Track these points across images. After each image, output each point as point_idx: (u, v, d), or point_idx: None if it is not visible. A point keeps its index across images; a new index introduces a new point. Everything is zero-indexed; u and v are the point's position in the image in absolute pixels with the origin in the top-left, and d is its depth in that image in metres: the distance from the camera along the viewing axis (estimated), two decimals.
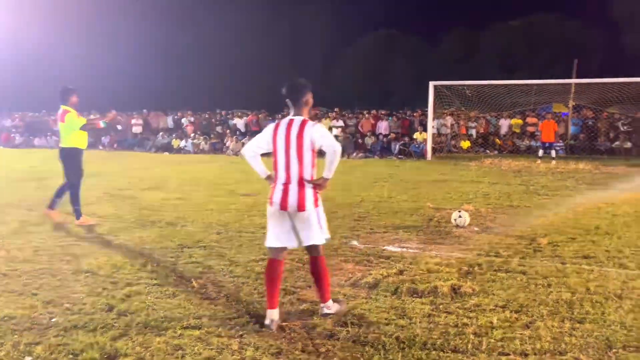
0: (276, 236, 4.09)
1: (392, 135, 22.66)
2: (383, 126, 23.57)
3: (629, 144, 21.05)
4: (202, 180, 13.50)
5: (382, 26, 50.16)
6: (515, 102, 21.28)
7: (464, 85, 20.71)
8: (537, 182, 12.58)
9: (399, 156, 21.23)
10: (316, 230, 4.05)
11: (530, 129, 23.02)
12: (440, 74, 36.39)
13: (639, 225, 7.68)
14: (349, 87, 50.99)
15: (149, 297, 4.70)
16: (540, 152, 19.67)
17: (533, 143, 22.03)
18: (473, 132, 23.66)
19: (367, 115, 25.09)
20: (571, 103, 22.08)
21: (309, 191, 4.01)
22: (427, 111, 21.26)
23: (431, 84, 20.20)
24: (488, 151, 22.40)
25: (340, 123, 24.15)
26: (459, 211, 7.91)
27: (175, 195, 10.56)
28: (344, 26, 50.31)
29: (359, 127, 24.18)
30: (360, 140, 22.99)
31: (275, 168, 4.07)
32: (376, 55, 51.18)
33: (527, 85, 20.85)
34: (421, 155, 20.56)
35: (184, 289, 4.90)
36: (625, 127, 21.58)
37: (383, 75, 51.74)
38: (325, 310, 4.21)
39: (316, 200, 4.07)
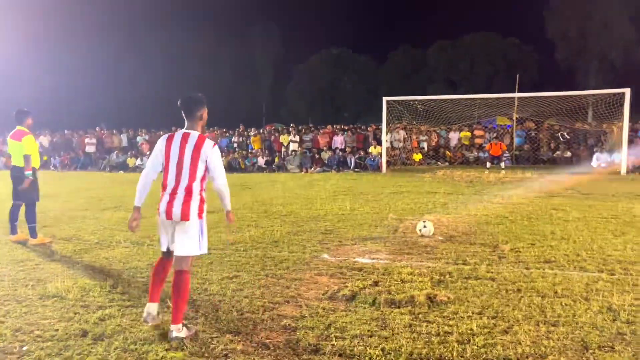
0: (164, 242, 4.23)
1: (348, 149, 22.86)
2: (339, 141, 23.72)
3: (568, 153, 22.00)
4: None
5: (332, 45, 50.87)
6: (462, 115, 21.96)
7: (415, 100, 21.24)
8: (490, 191, 12.92)
9: (356, 169, 21.41)
10: (194, 241, 4.05)
11: (478, 140, 23.75)
12: (389, 89, 37.40)
13: (589, 229, 7.95)
14: (302, 104, 51.25)
15: (124, 320, 4.48)
16: (488, 164, 20.57)
17: (481, 154, 22.73)
18: (424, 145, 24.14)
19: (322, 130, 25.23)
20: (515, 116, 22.88)
21: (194, 202, 4.03)
22: (380, 125, 21.62)
23: (384, 99, 20.61)
24: (439, 163, 22.96)
25: (297, 138, 24.15)
26: (424, 221, 7.99)
27: None
28: (295, 45, 50.80)
29: (315, 142, 24.31)
30: (317, 155, 23.05)
31: (165, 177, 4.10)
32: (327, 73, 51.75)
33: (472, 99, 21.57)
34: (377, 168, 20.87)
35: (159, 309, 4.70)
36: (565, 138, 22.60)
37: (334, 92, 52.34)
38: (175, 334, 3.97)
39: (201, 212, 4.09)
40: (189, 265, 4.09)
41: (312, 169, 21.75)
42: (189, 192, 4.02)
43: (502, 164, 20.27)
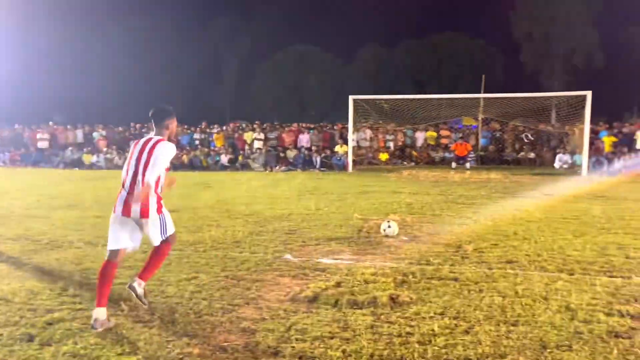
0: (116, 239, 4.35)
1: (314, 148, 22.85)
2: (304, 139, 23.64)
3: (532, 154, 22.54)
4: None
5: (297, 42, 50.70)
6: (429, 115, 22.03)
7: (382, 99, 21.46)
8: (455, 191, 13.12)
9: (322, 169, 21.39)
10: (159, 233, 4.48)
11: (444, 140, 24.13)
12: (356, 88, 37.48)
13: (551, 230, 8.12)
14: (267, 101, 50.95)
15: (74, 324, 4.33)
16: (454, 164, 20.97)
17: (447, 154, 23.08)
18: (391, 144, 24.39)
19: (287, 128, 25.14)
20: (480, 116, 23.32)
21: (152, 200, 4.33)
22: (347, 124, 21.70)
23: (351, 97, 20.67)
24: (405, 163, 23.19)
25: (261, 136, 23.97)
26: (388, 221, 8.04)
27: (93, 214, 9.93)
28: (260, 41, 50.34)
29: (281, 140, 24.21)
30: (282, 154, 22.91)
31: (124, 177, 4.38)
32: (294, 70, 51.60)
33: (438, 99, 21.82)
34: (343, 167, 20.92)
35: (113, 312, 4.56)
36: (528, 139, 23.12)
37: (301, 89, 52.25)
38: (136, 285, 4.54)
39: (159, 208, 4.44)
40: (169, 241, 4.61)
41: (277, 167, 21.63)
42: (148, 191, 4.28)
43: (467, 165, 20.72)
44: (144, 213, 4.29)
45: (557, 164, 20.40)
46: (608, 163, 19.02)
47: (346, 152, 21.37)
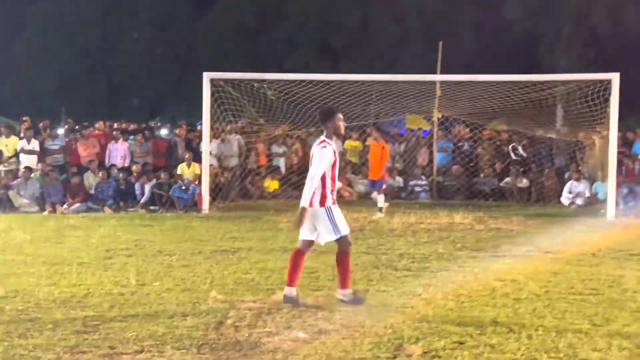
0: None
1: (137, 167, 15.02)
2: (119, 151, 15.57)
3: (524, 181, 15.82)
4: None
5: None
6: (349, 111, 15.15)
7: (264, 80, 14.78)
8: (392, 247, 9.71)
9: (152, 206, 14.37)
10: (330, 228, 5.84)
11: None
12: (215, 58, 26.70)
13: (555, 314, 5.79)
14: (41, 80, 34.53)
15: None
16: (378, 197, 13.05)
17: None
18: (281, 162, 16.67)
19: (87, 131, 16.51)
20: (436, 115, 16.30)
21: (316, 196, 5.76)
22: (199, 125, 15.32)
23: (206, 75, 13.82)
24: None
25: (34, 145, 15.12)
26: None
27: None
28: None
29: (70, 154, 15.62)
30: (76, 178, 14.52)
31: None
32: (99, 21, 36.08)
33: (364, 82, 14.56)
34: (192, 203, 14.37)
35: None
36: (519, 154, 16.37)
37: (111, 59, 36.16)
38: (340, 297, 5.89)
39: (323, 201, 5.80)
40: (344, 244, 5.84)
41: (66, 205, 14.27)
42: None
43: (379, 198, 12.85)
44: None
45: (565, 198, 14.73)
46: None
47: (198, 176, 14.60)
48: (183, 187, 14.14)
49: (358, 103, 14.85)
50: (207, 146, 14.10)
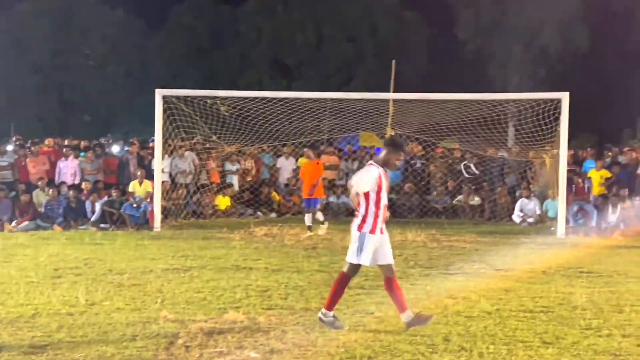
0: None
1: (87, 185, 14.68)
2: (69, 169, 15.17)
3: (477, 199, 15.80)
4: None
5: None
6: (302, 128, 14.87)
7: (217, 98, 14.60)
8: (345, 265, 9.47)
9: (102, 225, 13.82)
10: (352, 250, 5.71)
11: (329, 174, 16.29)
12: (168, 75, 27.63)
13: (506, 332, 5.69)
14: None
15: None
16: (320, 216, 12.71)
17: (333, 199, 16.02)
18: (234, 179, 16.41)
19: (36, 148, 15.98)
20: (389, 132, 15.61)
21: (356, 218, 5.69)
22: (152, 141, 14.95)
23: (158, 92, 13.82)
24: (261, 213, 15.85)
25: None
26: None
27: None
28: None
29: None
30: (25, 196, 14.23)
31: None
32: (50, 35, 34.63)
33: (318, 100, 14.52)
34: (143, 222, 14.18)
35: None
36: (471, 172, 16.32)
37: (64, 74, 34.97)
38: (404, 319, 5.59)
39: (360, 226, 5.62)
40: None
41: (15, 223, 13.88)
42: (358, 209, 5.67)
43: (318, 215, 12.67)
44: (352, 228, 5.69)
45: (516, 216, 14.74)
46: (598, 214, 13.83)
47: (150, 194, 14.13)
48: (134, 205, 13.92)
49: (311, 120, 14.78)
50: (159, 163, 13.92)
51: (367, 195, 5.49)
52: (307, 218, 12.47)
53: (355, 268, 5.66)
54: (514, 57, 30.11)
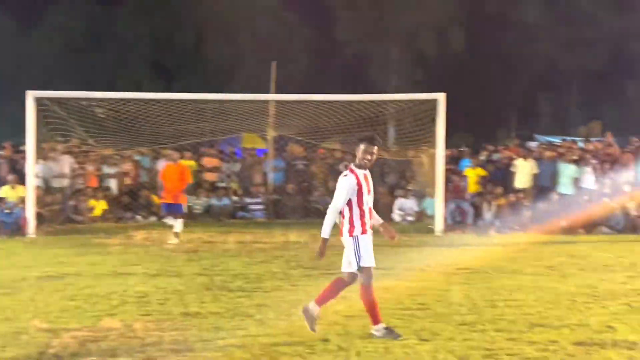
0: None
1: None
2: None
3: None
4: None
5: None
6: (181, 130, 14.71)
7: (93, 99, 14.60)
8: (227, 268, 9.54)
9: None
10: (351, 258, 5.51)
11: (210, 176, 16.80)
12: (43, 76, 25.41)
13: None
14: None
15: None
16: (176, 221, 11.86)
17: (215, 201, 15.95)
18: (112, 183, 16.19)
19: None
20: (270, 134, 16.37)
21: (345, 223, 5.58)
22: (23, 145, 14.01)
23: (29, 94, 13.23)
24: (140, 216, 15.64)
25: None
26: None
27: None
28: None
29: None
30: None
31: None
32: None
33: (196, 102, 14.44)
34: (16, 228, 13.64)
35: None
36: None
37: None
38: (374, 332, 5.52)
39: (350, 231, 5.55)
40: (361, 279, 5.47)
41: None
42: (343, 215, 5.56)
43: (177, 223, 11.92)
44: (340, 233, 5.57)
45: (396, 215, 14.99)
46: (474, 212, 14.36)
47: (22, 199, 13.56)
48: (7, 211, 13.52)
49: (192, 121, 14.74)
50: (32, 168, 13.35)
51: (348, 201, 5.42)
52: (178, 224, 11.78)
53: (354, 276, 5.46)
54: (392, 59, 30.99)
